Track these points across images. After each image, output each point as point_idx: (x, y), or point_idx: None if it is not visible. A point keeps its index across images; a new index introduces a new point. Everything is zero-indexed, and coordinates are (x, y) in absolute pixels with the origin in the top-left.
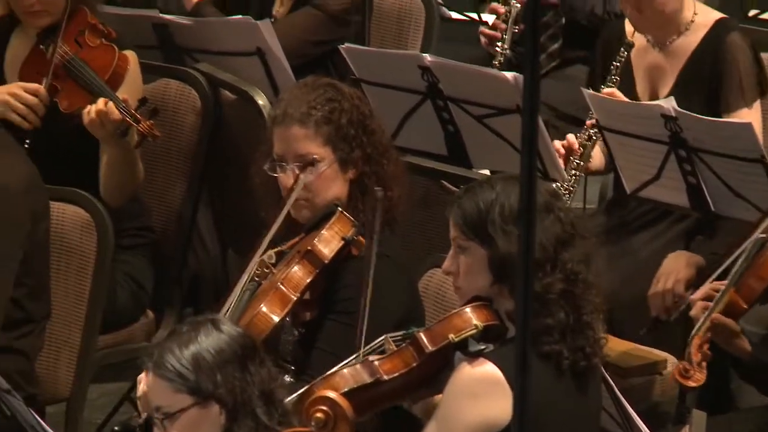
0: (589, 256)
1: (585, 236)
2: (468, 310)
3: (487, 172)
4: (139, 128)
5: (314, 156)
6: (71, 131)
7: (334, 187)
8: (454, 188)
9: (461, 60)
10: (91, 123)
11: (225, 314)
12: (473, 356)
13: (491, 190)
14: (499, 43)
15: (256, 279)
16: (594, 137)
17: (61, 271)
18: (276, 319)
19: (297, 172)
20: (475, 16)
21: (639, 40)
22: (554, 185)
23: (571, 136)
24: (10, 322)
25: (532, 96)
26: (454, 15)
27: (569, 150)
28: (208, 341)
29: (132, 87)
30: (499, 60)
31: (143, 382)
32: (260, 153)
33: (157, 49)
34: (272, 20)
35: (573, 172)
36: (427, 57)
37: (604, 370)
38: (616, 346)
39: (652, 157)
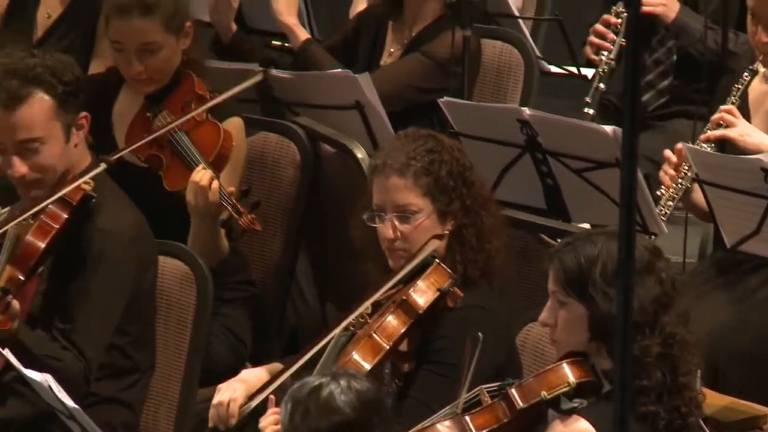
0: (687, 314)
1: (683, 294)
2: (564, 365)
3: (586, 225)
4: (241, 222)
5: (413, 207)
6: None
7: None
8: (553, 242)
9: (560, 113)
10: (191, 186)
11: (306, 362)
12: (566, 414)
13: (593, 246)
14: (605, 53)
15: (351, 328)
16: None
17: (160, 324)
18: (367, 366)
19: (395, 222)
20: (574, 69)
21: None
22: (658, 192)
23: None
24: (116, 371)
25: (631, 151)
26: (553, 68)
27: (679, 155)
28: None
29: (236, 167)
30: (603, 69)
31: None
32: (360, 204)
33: (257, 103)
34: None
35: (680, 181)
36: (526, 110)
37: (704, 425)
38: (715, 401)
39: (752, 211)
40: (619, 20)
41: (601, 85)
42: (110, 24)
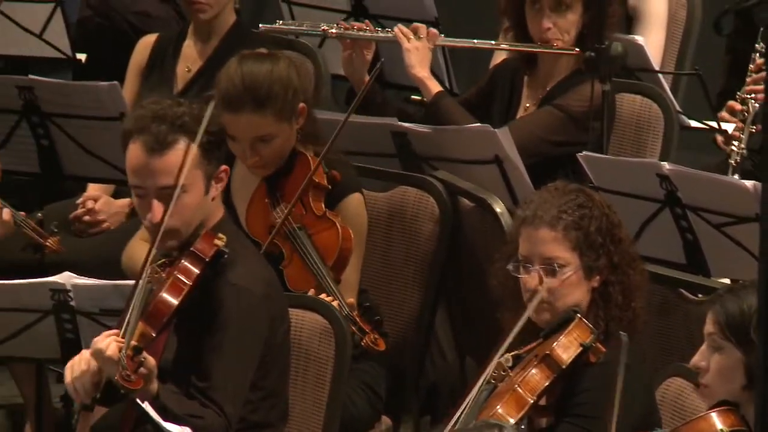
0: None
1: None
2: (713, 414)
3: (726, 280)
4: (363, 342)
5: (561, 260)
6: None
7: (577, 292)
8: (693, 297)
9: (699, 168)
10: None
11: (460, 416)
12: None
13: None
14: (736, 143)
15: (493, 381)
16: None
17: (299, 378)
18: (512, 421)
19: (542, 274)
20: (714, 124)
21: None
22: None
23: None
24: (248, 426)
25: None
26: (693, 123)
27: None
28: None
29: (356, 261)
30: (735, 159)
31: None
32: (501, 253)
33: (396, 157)
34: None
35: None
36: (666, 165)
37: None
38: None
39: None
40: (744, 107)
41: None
42: (221, 114)
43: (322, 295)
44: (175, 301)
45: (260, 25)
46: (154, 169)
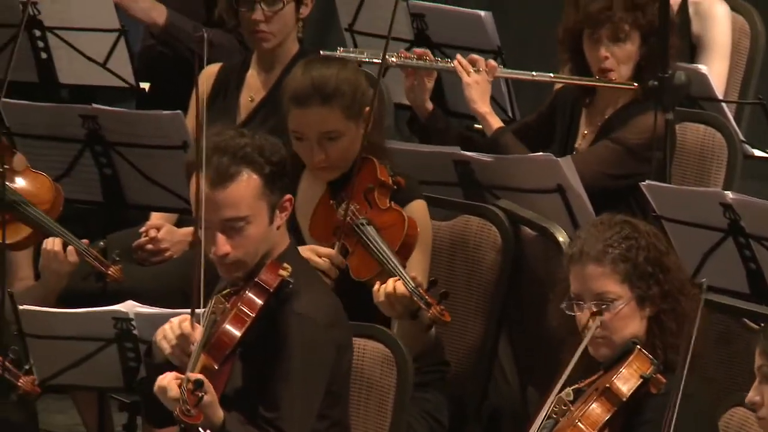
0: None
1: None
2: None
3: None
4: (429, 313)
5: (611, 294)
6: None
7: (632, 324)
8: (756, 326)
9: (763, 197)
10: (381, 304)
11: None
12: None
13: None
14: None
15: (554, 416)
16: None
17: (360, 406)
18: None
19: (594, 310)
20: None
21: None
22: None
23: None
24: None
25: None
26: (757, 152)
27: None
28: None
29: (424, 254)
30: None
31: None
32: (557, 292)
33: (458, 186)
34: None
35: None
36: (729, 194)
37: None
38: None
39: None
40: None
41: None
42: (290, 114)
43: (389, 283)
44: (238, 333)
45: (321, 52)
46: (217, 202)
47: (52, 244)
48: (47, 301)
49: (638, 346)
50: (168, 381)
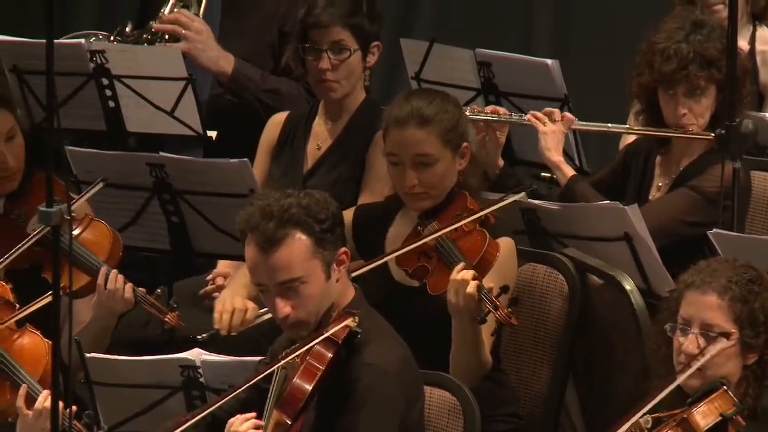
0: None
1: None
2: None
3: None
4: (497, 315)
5: (720, 329)
6: (435, 311)
7: (730, 365)
8: None
9: None
10: (451, 285)
11: None
12: None
13: None
14: None
15: None
16: None
17: None
18: None
19: (701, 340)
20: None
21: None
22: None
23: None
24: None
25: None
26: None
27: None
28: None
29: (499, 275)
30: None
31: None
32: (656, 320)
33: (525, 234)
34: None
35: None
36: None
37: None
38: None
39: None
40: None
41: None
42: (388, 135)
43: (460, 269)
44: (308, 387)
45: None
46: (269, 267)
47: (114, 282)
48: (101, 340)
49: (725, 387)
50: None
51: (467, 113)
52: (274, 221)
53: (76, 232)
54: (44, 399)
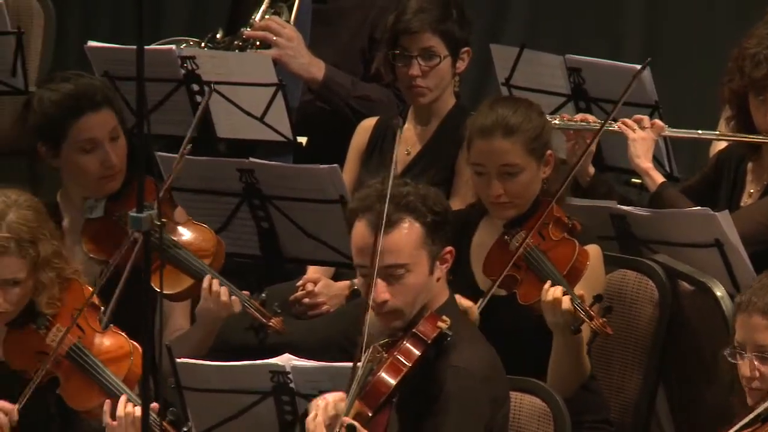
0: None
1: None
2: None
3: None
4: (592, 325)
5: None
6: (521, 319)
7: None
8: None
9: None
10: (545, 306)
11: None
12: None
13: None
14: None
15: None
16: None
17: None
18: None
19: (757, 362)
20: None
21: None
22: None
23: None
24: None
25: None
26: None
27: None
28: None
29: (591, 284)
30: None
31: None
32: (730, 339)
33: (615, 240)
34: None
35: None
36: None
37: None
38: None
39: None
40: None
41: None
42: (472, 145)
43: (557, 290)
44: (392, 382)
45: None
46: (379, 249)
47: (218, 286)
48: (203, 345)
49: None
50: (317, 423)
51: (557, 121)
52: (391, 204)
53: (180, 236)
54: (124, 405)
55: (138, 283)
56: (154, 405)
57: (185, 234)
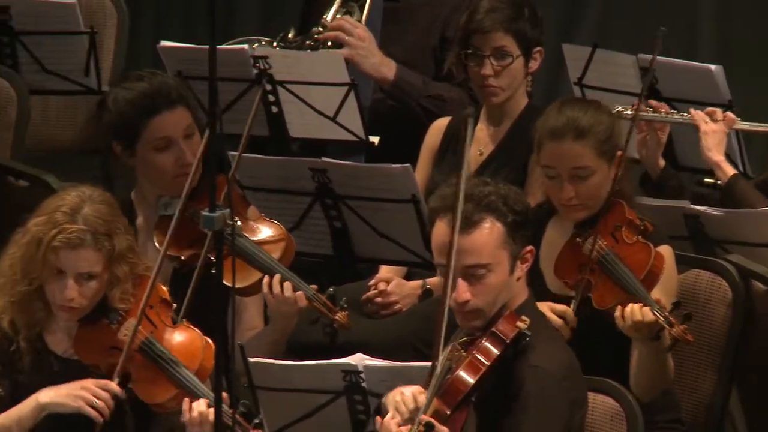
0: None
1: None
2: None
3: None
4: (672, 332)
5: None
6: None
7: None
8: None
9: None
10: (626, 328)
11: None
12: None
13: None
14: None
15: None
16: None
17: None
18: None
19: None
20: None
21: None
22: None
23: None
24: None
25: None
26: None
27: None
28: None
29: (666, 287)
30: None
31: None
32: None
33: (689, 240)
34: None
35: None
36: None
37: None
38: None
39: None
40: None
41: None
42: (543, 148)
43: (634, 308)
44: (471, 380)
45: None
46: (460, 248)
47: (278, 287)
48: (279, 344)
49: None
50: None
51: (628, 111)
52: (472, 203)
53: (251, 233)
54: (198, 405)
55: (209, 279)
56: (225, 396)
57: (256, 229)
